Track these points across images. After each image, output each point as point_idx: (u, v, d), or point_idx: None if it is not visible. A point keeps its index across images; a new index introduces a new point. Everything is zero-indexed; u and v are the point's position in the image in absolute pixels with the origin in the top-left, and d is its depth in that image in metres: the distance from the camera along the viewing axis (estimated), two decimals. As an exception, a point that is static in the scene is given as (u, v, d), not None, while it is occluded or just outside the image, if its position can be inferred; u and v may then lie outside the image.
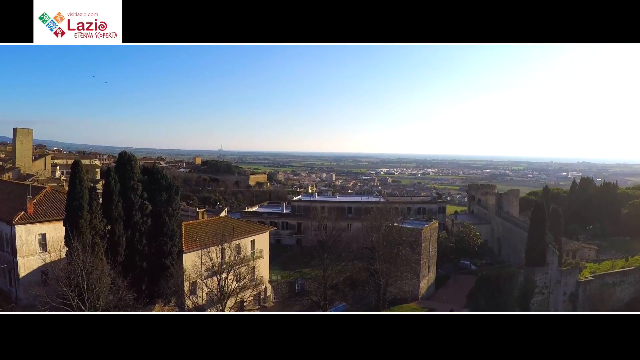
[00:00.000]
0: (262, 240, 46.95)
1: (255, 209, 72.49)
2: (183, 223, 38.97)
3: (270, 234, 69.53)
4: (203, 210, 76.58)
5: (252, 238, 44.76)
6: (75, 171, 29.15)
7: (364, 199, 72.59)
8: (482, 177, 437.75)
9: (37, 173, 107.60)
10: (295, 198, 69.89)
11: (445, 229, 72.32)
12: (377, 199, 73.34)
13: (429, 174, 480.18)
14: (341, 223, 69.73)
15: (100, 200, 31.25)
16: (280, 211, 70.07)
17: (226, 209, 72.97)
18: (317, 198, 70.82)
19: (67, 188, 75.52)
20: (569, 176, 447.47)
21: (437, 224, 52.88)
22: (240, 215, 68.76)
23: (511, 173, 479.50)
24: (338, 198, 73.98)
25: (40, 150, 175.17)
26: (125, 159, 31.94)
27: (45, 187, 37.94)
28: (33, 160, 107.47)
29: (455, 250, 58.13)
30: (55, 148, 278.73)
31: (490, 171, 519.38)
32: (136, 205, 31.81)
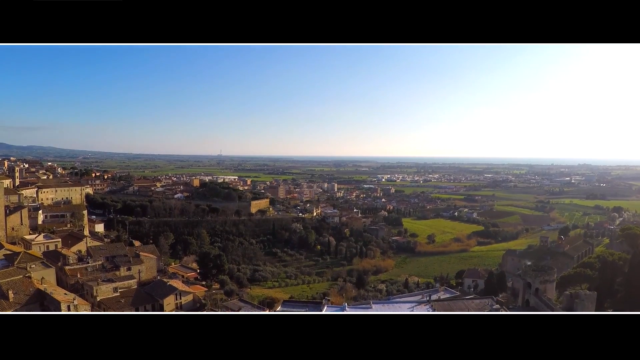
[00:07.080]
0: None
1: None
2: None
3: None
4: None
5: None
6: None
7: (408, 312, 58.91)
8: (484, 184, 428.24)
9: (14, 229, 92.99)
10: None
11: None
12: (426, 311, 59.71)
13: (430, 180, 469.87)
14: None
15: None
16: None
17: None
18: (347, 311, 57.12)
19: (37, 285, 60.51)
20: (572, 181, 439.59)
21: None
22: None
23: (513, 178, 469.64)
24: (373, 308, 60.36)
25: (29, 175, 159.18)
26: None
27: None
28: (8, 215, 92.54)
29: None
30: (49, 163, 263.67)
31: (492, 176, 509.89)
32: None
